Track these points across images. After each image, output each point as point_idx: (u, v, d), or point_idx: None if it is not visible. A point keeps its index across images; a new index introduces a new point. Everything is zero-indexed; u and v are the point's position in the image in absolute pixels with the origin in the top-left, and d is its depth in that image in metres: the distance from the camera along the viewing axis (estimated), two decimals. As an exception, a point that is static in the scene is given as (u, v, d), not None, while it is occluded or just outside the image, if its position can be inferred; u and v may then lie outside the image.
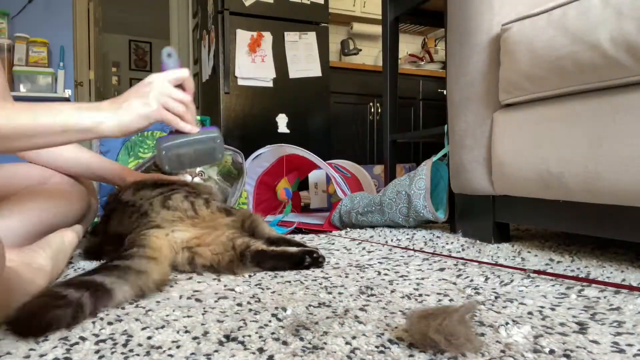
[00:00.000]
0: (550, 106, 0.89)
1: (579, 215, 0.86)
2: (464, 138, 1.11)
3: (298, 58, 2.99)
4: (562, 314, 0.56)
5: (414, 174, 1.27)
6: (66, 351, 0.45)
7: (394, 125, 1.77)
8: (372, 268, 0.83)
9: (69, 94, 3.09)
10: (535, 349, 0.45)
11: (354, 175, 1.75)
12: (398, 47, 1.80)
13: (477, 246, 1.02)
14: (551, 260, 0.86)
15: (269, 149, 1.60)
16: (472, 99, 1.08)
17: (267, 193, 1.72)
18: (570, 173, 0.83)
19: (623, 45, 0.72)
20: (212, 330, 0.51)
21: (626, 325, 0.51)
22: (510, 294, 0.64)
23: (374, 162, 3.49)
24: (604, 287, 0.66)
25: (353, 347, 0.45)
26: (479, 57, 1.05)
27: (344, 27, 4.00)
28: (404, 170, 2.40)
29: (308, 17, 3.03)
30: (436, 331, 0.43)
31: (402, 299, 0.63)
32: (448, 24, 1.16)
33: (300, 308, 0.59)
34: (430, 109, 3.66)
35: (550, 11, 0.86)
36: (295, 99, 3.02)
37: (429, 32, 4.18)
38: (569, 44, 0.81)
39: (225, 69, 2.80)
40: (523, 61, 0.91)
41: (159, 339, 0.48)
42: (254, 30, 2.87)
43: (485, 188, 1.07)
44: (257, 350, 0.45)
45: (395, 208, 1.26)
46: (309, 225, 1.46)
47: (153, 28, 6.31)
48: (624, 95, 0.75)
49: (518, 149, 0.95)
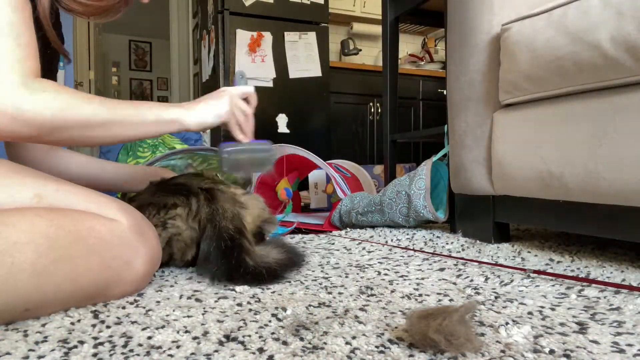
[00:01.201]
0: (550, 106, 0.89)
1: (579, 215, 0.86)
2: (464, 138, 1.11)
3: (298, 58, 2.99)
4: (562, 314, 0.56)
5: (414, 174, 1.27)
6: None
7: (394, 125, 1.77)
8: (372, 268, 0.83)
9: (69, 94, 3.08)
10: (535, 349, 0.45)
11: (354, 175, 1.75)
12: (398, 47, 1.80)
13: (477, 246, 1.02)
14: (551, 260, 0.86)
15: (269, 149, 1.60)
16: (472, 99, 1.08)
17: (267, 193, 1.72)
18: (570, 173, 0.83)
19: (623, 45, 0.72)
20: (212, 330, 0.51)
21: (626, 325, 0.51)
22: (510, 294, 0.64)
23: (374, 162, 3.49)
24: (604, 287, 0.66)
25: (353, 347, 0.45)
26: (479, 57, 1.05)
27: (344, 27, 4.00)
28: (404, 170, 2.40)
29: (308, 17, 3.03)
30: (436, 331, 0.43)
31: (402, 299, 0.63)
32: (448, 24, 1.16)
33: (300, 308, 0.59)
34: (430, 109, 3.67)
35: (550, 11, 0.86)
36: (295, 99, 3.02)
37: (429, 32, 4.18)
38: (569, 44, 0.81)
39: (225, 69, 2.80)
40: (523, 61, 0.91)
41: (159, 339, 0.48)
42: (254, 30, 2.88)
43: (485, 188, 1.07)
44: (257, 350, 0.45)
45: (395, 208, 1.26)
46: (309, 225, 1.46)
47: (153, 28, 6.31)
48: (624, 95, 0.75)
49: (518, 149, 0.95)
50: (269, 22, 2.94)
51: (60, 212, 0.58)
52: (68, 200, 0.61)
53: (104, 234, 0.60)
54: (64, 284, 0.55)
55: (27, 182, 0.60)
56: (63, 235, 0.55)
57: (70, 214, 0.59)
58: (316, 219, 1.58)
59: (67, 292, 0.56)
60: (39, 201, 0.59)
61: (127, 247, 0.62)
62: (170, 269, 0.84)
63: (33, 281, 0.52)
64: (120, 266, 0.61)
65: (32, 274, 0.52)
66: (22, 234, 0.52)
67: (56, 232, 0.55)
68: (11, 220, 0.53)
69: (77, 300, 0.58)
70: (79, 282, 0.57)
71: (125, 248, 0.62)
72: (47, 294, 0.54)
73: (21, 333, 0.50)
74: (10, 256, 0.50)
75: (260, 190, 1.71)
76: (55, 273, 0.54)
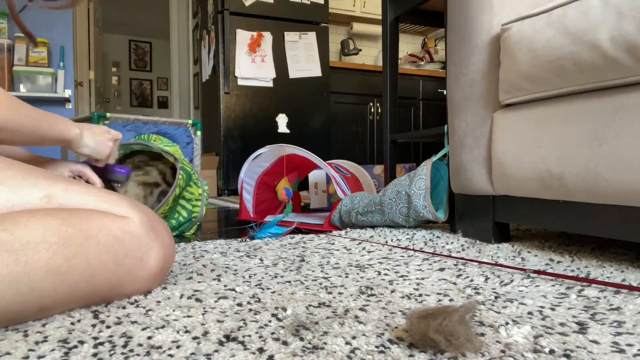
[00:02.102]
0: (550, 106, 0.89)
1: (579, 215, 0.86)
2: (464, 138, 1.11)
3: (298, 58, 2.99)
4: (562, 314, 0.56)
5: (414, 174, 1.27)
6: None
7: (394, 125, 1.77)
8: (372, 268, 0.83)
9: (69, 94, 3.09)
10: (535, 349, 0.45)
11: (354, 175, 1.75)
12: (398, 47, 1.80)
13: (477, 246, 1.02)
14: (551, 260, 0.86)
15: (269, 149, 1.60)
16: (472, 99, 1.08)
17: (267, 193, 1.72)
18: (570, 173, 0.83)
19: (623, 45, 0.72)
20: (212, 330, 0.51)
21: (626, 325, 0.51)
22: (510, 294, 0.65)
23: (374, 162, 3.49)
24: (604, 287, 0.66)
25: (353, 347, 0.45)
26: (479, 57, 1.05)
27: (344, 27, 4.00)
28: (404, 170, 2.40)
29: (308, 17, 3.03)
30: (436, 331, 0.43)
31: (402, 299, 0.63)
32: (448, 24, 1.16)
33: (300, 308, 0.59)
34: (430, 109, 3.67)
35: (550, 11, 0.86)
36: (295, 99, 3.02)
37: (429, 32, 4.19)
38: (569, 44, 0.81)
39: (225, 69, 2.80)
40: (523, 61, 0.91)
41: (159, 339, 0.48)
42: (254, 30, 2.87)
43: (485, 188, 1.07)
44: (257, 350, 0.45)
45: (395, 208, 1.26)
46: (309, 225, 1.46)
47: (153, 28, 6.32)
48: (624, 95, 0.75)
49: (518, 149, 0.95)
50: (269, 22, 2.94)
51: (70, 211, 0.58)
52: (78, 199, 0.61)
53: (116, 232, 0.60)
54: (78, 282, 0.55)
55: (37, 183, 0.60)
56: (75, 233, 0.56)
57: (81, 212, 0.59)
58: (316, 219, 1.58)
59: (82, 290, 0.56)
60: (49, 201, 0.59)
61: (139, 244, 0.62)
62: (170, 269, 0.84)
63: (48, 280, 0.52)
64: (134, 263, 0.61)
65: (46, 273, 0.52)
66: (34, 233, 0.52)
67: (68, 231, 0.55)
68: (22, 220, 0.53)
69: (93, 299, 0.58)
70: (93, 281, 0.57)
71: (138, 245, 0.61)
72: (63, 293, 0.54)
73: (21, 333, 0.50)
74: (24, 255, 0.51)
75: (261, 190, 1.71)
76: (70, 272, 0.54)
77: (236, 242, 1.13)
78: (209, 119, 3.11)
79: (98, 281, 0.57)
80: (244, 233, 1.35)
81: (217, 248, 1.05)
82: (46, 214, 0.55)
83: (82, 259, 0.55)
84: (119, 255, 0.59)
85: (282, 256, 0.95)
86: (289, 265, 0.86)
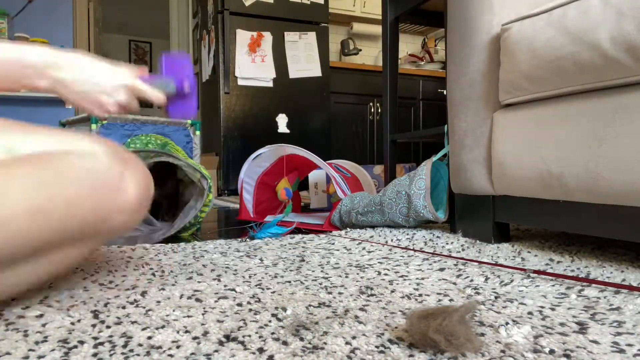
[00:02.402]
0: (550, 106, 0.89)
1: (579, 215, 0.86)
2: (464, 138, 1.11)
3: (298, 58, 2.99)
4: (562, 314, 0.56)
5: (414, 174, 1.27)
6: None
7: (394, 125, 1.77)
8: (372, 268, 0.83)
9: (69, 94, 3.08)
10: (535, 349, 0.45)
11: (354, 175, 1.75)
12: (398, 47, 1.80)
13: (477, 246, 1.02)
14: (551, 260, 0.86)
15: (269, 149, 1.61)
16: (472, 99, 1.08)
17: (267, 193, 1.72)
18: (570, 173, 0.83)
19: (623, 45, 0.72)
20: (212, 330, 0.51)
21: (626, 325, 0.51)
22: (510, 294, 0.65)
23: (374, 162, 3.49)
24: (604, 287, 0.66)
25: (353, 347, 0.45)
26: (479, 57, 1.05)
27: (344, 27, 4.00)
28: (404, 170, 2.40)
29: (308, 17, 3.03)
30: (436, 331, 0.43)
31: (402, 299, 0.63)
32: (448, 24, 1.16)
33: (300, 308, 0.59)
34: (430, 109, 3.67)
35: (550, 11, 0.86)
36: (295, 99, 3.02)
37: (429, 32, 4.19)
38: (569, 44, 0.81)
39: (225, 69, 2.80)
40: (523, 61, 0.91)
41: (159, 339, 0.48)
42: (254, 30, 2.87)
43: (485, 188, 1.07)
44: (257, 350, 0.45)
45: (395, 208, 1.26)
46: (309, 225, 1.46)
47: (153, 28, 6.32)
48: (624, 95, 0.75)
49: (518, 149, 0.95)
50: (269, 22, 2.94)
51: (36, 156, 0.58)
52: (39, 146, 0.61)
53: (86, 165, 0.60)
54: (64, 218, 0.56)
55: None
56: (47, 174, 0.56)
57: (47, 156, 0.59)
58: (316, 219, 1.58)
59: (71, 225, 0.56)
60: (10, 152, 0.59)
61: (112, 174, 0.62)
62: (171, 269, 0.84)
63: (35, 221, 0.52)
64: (112, 191, 0.61)
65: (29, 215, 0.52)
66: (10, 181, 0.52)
67: (39, 173, 0.55)
68: None
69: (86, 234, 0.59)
70: (79, 215, 0.57)
71: (111, 174, 0.62)
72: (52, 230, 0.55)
73: (21, 333, 0.50)
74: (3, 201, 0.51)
75: (261, 190, 1.71)
76: (54, 210, 0.54)
77: (236, 242, 1.13)
78: (209, 119, 3.12)
79: (84, 214, 0.58)
80: (244, 233, 1.35)
81: (217, 248, 1.05)
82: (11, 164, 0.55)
83: (62, 196, 0.56)
84: (96, 186, 0.59)
85: (282, 256, 0.95)
86: (289, 265, 0.86)
